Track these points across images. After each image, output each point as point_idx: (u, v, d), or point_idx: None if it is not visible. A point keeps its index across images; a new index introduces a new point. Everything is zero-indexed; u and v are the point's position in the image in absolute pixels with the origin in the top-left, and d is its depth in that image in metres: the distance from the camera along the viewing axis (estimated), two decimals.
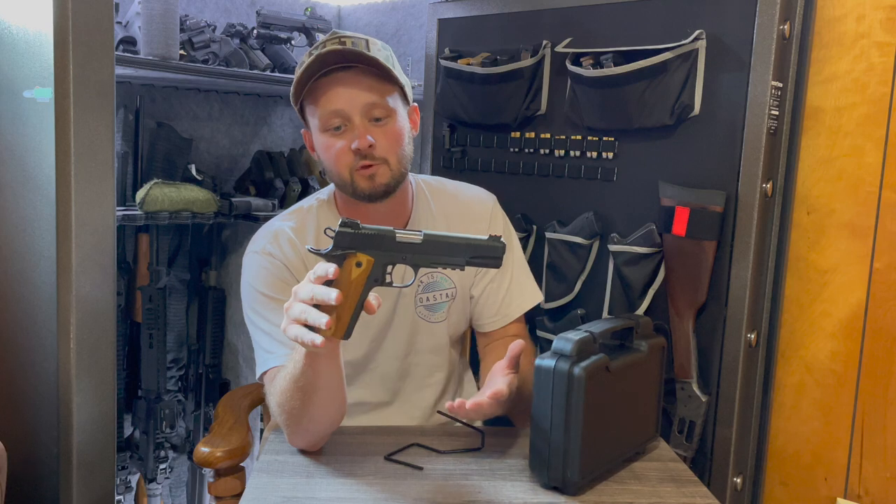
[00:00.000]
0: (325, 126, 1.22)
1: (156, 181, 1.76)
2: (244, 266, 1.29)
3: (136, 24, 1.67)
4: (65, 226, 1.29)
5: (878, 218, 1.32)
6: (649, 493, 1.07)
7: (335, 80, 1.20)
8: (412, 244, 0.99)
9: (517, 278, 1.39)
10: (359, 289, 0.97)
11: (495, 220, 1.40)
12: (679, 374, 1.44)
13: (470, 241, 1.01)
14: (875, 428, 1.33)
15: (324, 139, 1.23)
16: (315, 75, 1.20)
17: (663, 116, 1.43)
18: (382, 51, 1.24)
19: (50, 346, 1.33)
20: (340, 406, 1.15)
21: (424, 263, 1.00)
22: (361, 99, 1.19)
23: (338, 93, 1.19)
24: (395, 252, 0.99)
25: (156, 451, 1.94)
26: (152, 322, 1.90)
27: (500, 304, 1.37)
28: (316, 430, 1.15)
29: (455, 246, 1.00)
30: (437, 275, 1.34)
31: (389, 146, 1.22)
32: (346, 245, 0.97)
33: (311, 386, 1.07)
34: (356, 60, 1.19)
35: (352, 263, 0.97)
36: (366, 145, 1.19)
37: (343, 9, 2.42)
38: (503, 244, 1.02)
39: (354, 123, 1.20)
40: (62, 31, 1.25)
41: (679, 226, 1.41)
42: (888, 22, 1.29)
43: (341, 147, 1.21)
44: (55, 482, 1.36)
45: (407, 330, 1.34)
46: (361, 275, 0.97)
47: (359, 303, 0.97)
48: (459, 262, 1.01)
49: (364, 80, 1.20)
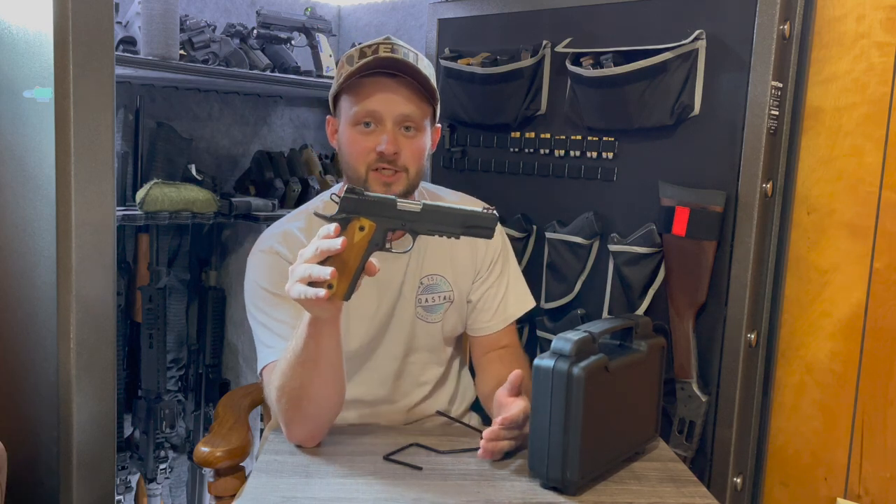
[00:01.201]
0: (356, 120, 1.25)
1: (156, 181, 1.77)
2: (250, 265, 1.30)
3: (136, 24, 1.67)
4: (65, 226, 1.29)
5: (878, 218, 1.32)
6: (649, 494, 1.07)
7: (381, 82, 1.24)
8: (412, 212, 1.05)
9: (513, 286, 1.42)
10: (360, 251, 1.02)
11: (503, 238, 1.44)
12: (679, 374, 1.44)
13: (466, 212, 1.07)
14: (875, 428, 1.33)
15: (351, 133, 1.26)
16: (362, 73, 1.23)
17: (663, 116, 1.43)
18: (429, 68, 1.28)
19: (50, 346, 1.33)
20: (340, 388, 1.16)
21: (422, 231, 1.07)
22: (400, 108, 1.24)
23: (380, 95, 1.24)
24: (395, 219, 1.05)
25: (156, 451, 1.94)
26: (152, 322, 1.90)
27: (497, 309, 1.40)
28: (316, 413, 1.16)
29: (452, 216, 1.07)
30: (436, 277, 1.36)
31: (413, 158, 1.26)
32: (351, 209, 1.03)
33: (312, 360, 1.09)
34: (407, 72, 1.23)
35: (355, 227, 1.03)
36: (392, 151, 1.23)
37: (343, 9, 2.42)
38: (496, 216, 1.07)
39: (386, 127, 1.24)
40: (62, 31, 1.25)
41: (679, 226, 1.41)
42: (888, 22, 1.29)
43: (367, 145, 1.25)
44: (55, 482, 1.36)
45: (406, 329, 1.35)
46: (364, 238, 1.02)
47: (360, 265, 1.02)
48: (456, 231, 1.07)
49: (407, 91, 1.25)
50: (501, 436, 1.14)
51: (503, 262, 1.42)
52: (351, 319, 1.31)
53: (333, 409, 1.18)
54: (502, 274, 1.41)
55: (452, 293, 1.37)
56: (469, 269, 1.39)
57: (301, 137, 2.36)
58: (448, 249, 1.37)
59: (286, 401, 1.14)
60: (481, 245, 1.39)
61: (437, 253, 1.36)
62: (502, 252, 1.42)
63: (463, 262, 1.38)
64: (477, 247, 1.39)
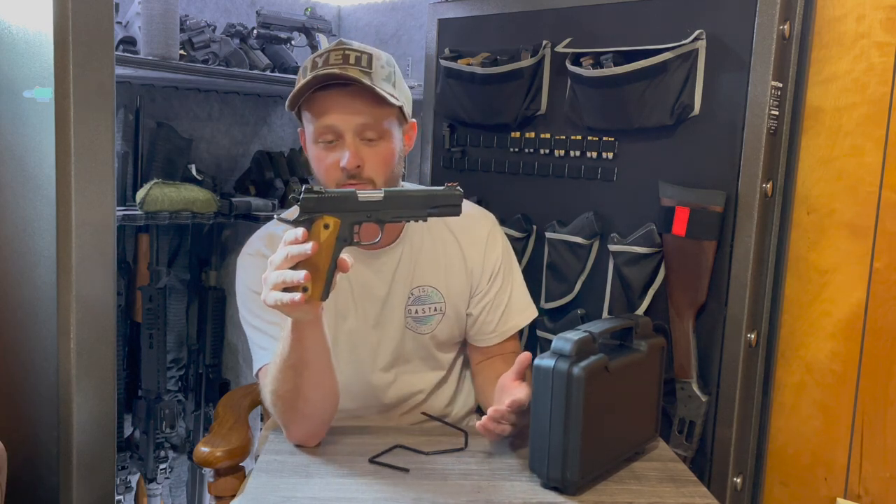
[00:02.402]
0: (317, 138, 1.23)
1: (156, 181, 1.77)
2: (239, 267, 1.31)
3: (136, 24, 1.67)
4: (65, 226, 1.29)
5: (878, 218, 1.32)
6: (649, 493, 1.07)
7: (332, 96, 1.21)
8: (374, 202, 1.05)
9: (515, 297, 1.39)
10: (329, 249, 1.02)
11: (493, 240, 1.39)
12: (679, 374, 1.44)
13: (429, 192, 1.07)
14: (875, 428, 1.33)
15: (315, 150, 1.25)
16: (312, 88, 1.21)
17: (663, 116, 1.43)
18: (386, 68, 1.25)
19: (50, 346, 1.33)
20: (332, 385, 1.16)
21: (388, 218, 1.06)
22: (355, 120, 1.21)
23: (333, 110, 1.21)
24: (359, 211, 1.04)
25: (156, 451, 1.94)
26: (152, 322, 1.90)
27: (499, 321, 1.37)
28: (312, 413, 1.15)
29: (415, 199, 1.06)
30: (427, 288, 1.34)
31: (377, 167, 1.23)
32: (312, 209, 1.02)
33: (300, 362, 1.09)
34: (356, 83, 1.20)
35: (320, 226, 1.02)
36: (353, 165, 1.20)
37: (343, 9, 2.42)
38: (460, 192, 1.06)
39: (346, 141, 1.21)
40: (62, 31, 1.25)
41: (679, 226, 1.41)
42: (888, 22, 1.29)
43: (331, 162, 1.23)
44: (55, 482, 1.36)
45: (395, 338, 1.33)
46: (330, 236, 1.02)
47: (331, 263, 1.02)
48: (421, 213, 1.06)
49: (360, 101, 1.21)
50: (507, 418, 1.12)
51: (504, 275, 1.38)
52: (339, 331, 1.31)
53: (329, 407, 1.18)
54: (503, 288, 1.38)
55: (444, 305, 1.34)
56: (464, 283, 1.35)
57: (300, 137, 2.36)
58: (441, 261, 1.34)
59: (281, 404, 1.14)
60: (477, 259, 1.36)
61: (429, 264, 1.34)
62: (503, 264, 1.38)
63: (457, 276, 1.35)
64: (473, 261, 1.36)
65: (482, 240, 1.37)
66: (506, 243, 1.42)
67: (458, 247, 1.36)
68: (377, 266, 1.31)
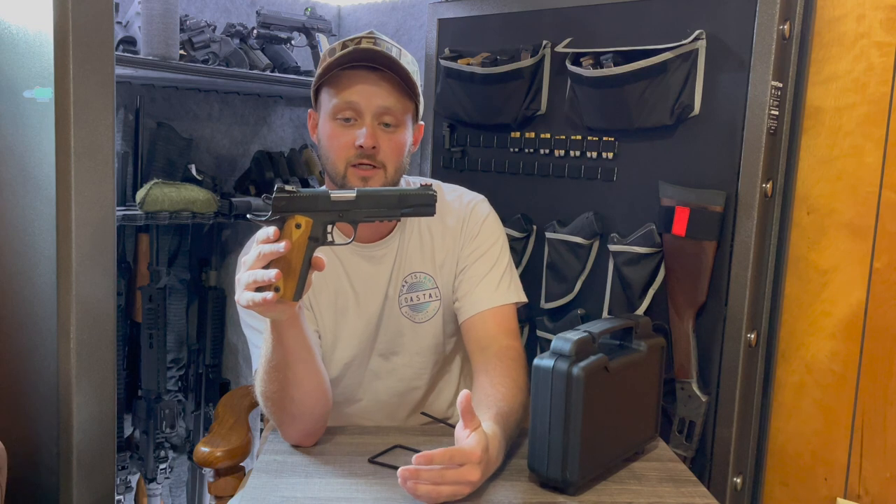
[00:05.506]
0: (335, 114, 1.23)
1: (156, 181, 1.77)
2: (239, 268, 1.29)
3: (136, 24, 1.67)
4: (65, 226, 1.29)
5: (878, 218, 1.32)
6: (649, 493, 1.07)
7: (360, 75, 1.22)
8: (346, 201, 1.04)
9: (506, 276, 1.34)
10: (301, 249, 1.01)
11: (489, 226, 1.36)
12: (679, 374, 1.44)
13: (401, 192, 1.06)
14: (875, 428, 1.33)
15: (330, 126, 1.24)
16: (344, 64, 1.21)
17: (663, 116, 1.43)
18: (412, 65, 1.27)
19: (50, 346, 1.33)
20: (319, 384, 1.15)
21: (360, 218, 1.05)
22: (379, 101, 1.22)
23: (359, 87, 1.22)
24: (331, 211, 1.04)
25: (156, 451, 1.94)
26: (152, 322, 1.90)
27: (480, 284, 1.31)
28: (301, 412, 1.15)
29: (387, 198, 1.05)
30: (419, 275, 1.33)
31: (391, 154, 1.24)
32: (283, 208, 1.02)
33: (283, 363, 1.09)
34: (387, 65, 1.22)
35: (292, 226, 1.01)
36: (370, 145, 1.21)
37: (343, 9, 2.42)
38: (434, 192, 1.05)
39: (365, 121, 1.22)
40: (62, 31, 1.25)
41: (679, 226, 1.41)
42: (888, 22, 1.29)
43: (346, 140, 1.23)
44: (55, 482, 1.36)
45: (393, 330, 1.33)
46: (302, 235, 1.01)
47: (304, 262, 1.01)
48: (394, 213, 1.05)
49: (387, 85, 1.22)
50: (420, 476, 0.97)
51: (493, 259, 1.34)
52: (339, 330, 1.31)
53: (319, 407, 1.17)
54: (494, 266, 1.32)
55: (438, 290, 1.34)
56: (451, 267, 1.34)
57: (301, 137, 2.36)
58: (429, 247, 1.33)
59: (271, 405, 1.15)
60: (465, 243, 1.34)
61: (417, 252, 1.33)
62: (491, 249, 1.34)
63: (447, 261, 1.34)
64: (460, 245, 1.34)
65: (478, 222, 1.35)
66: (501, 229, 1.39)
67: (445, 229, 1.35)
68: (376, 259, 1.32)
